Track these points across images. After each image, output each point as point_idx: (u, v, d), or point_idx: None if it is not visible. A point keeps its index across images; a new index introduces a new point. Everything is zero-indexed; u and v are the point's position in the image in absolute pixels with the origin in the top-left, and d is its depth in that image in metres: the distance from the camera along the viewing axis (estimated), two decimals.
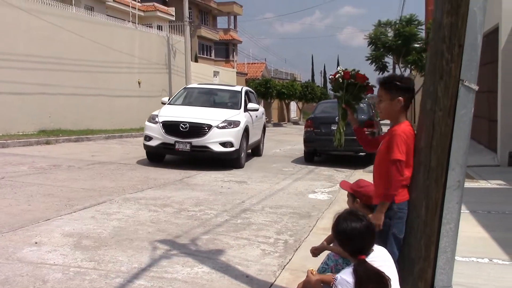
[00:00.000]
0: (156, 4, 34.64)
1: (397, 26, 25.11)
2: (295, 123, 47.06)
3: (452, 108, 2.76)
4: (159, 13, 33.73)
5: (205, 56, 43.62)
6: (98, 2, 27.14)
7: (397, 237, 2.96)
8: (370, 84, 3.50)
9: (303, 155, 13.81)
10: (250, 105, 12.46)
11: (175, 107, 11.89)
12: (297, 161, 13.57)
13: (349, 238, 2.69)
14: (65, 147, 13.80)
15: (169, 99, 12.58)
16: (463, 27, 2.71)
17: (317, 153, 13.66)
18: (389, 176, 2.96)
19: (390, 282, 2.56)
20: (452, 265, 2.88)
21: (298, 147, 16.42)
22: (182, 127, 10.55)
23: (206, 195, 7.85)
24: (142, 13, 31.44)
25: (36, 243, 4.83)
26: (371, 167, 11.00)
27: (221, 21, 51.58)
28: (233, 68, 41.45)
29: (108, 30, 20.76)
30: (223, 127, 10.76)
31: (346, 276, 2.59)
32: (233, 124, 10.95)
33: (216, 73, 33.61)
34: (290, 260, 4.78)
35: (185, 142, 10.46)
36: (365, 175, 9.36)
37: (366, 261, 2.63)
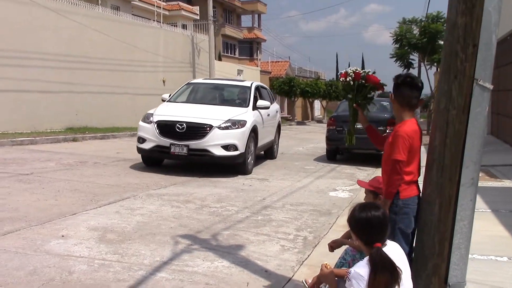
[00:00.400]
0: (180, 3, 34.93)
1: (423, 23, 24.84)
2: (319, 121, 46.92)
3: (466, 106, 2.81)
4: (183, 12, 34.01)
5: (229, 54, 43.83)
6: (124, 2, 27.52)
7: (404, 232, 3.04)
8: (381, 83, 3.59)
9: (325, 153, 13.85)
10: (260, 103, 11.08)
11: (174, 104, 10.72)
12: (319, 159, 13.60)
13: (367, 226, 2.73)
14: (91, 144, 14.09)
15: (170, 96, 11.34)
16: (478, 27, 2.75)
17: (340, 151, 13.66)
18: (390, 174, 3.11)
19: (401, 276, 2.61)
20: (466, 261, 2.92)
21: (321, 146, 16.42)
22: (178, 127, 9.31)
23: (227, 192, 7.96)
24: (167, 12, 31.74)
25: (62, 236, 5.00)
26: None
27: (245, 20, 51.80)
28: (257, 66, 41.54)
29: (134, 29, 21.06)
30: (226, 128, 9.51)
31: (359, 269, 2.64)
32: (238, 124, 9.68)
33: (240, 72, 33.75)
34: (308, 256, 4.86)
35: (181, 144, 9.25)
36: None
37: (382, 249, 2.68)
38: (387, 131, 11.41)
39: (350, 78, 3.59)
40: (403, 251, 2.88)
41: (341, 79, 3.73)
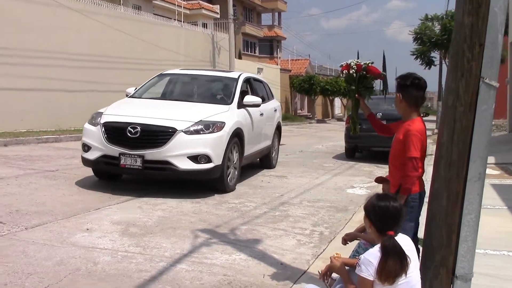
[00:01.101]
0: (201, 2, 35.19)
1: (444, 20, 24.67)
2: (339, 119, 46.85)
3: (473, 104, 2.90)
4: (204, 11, 34.27)
5: (249, 53, 43.99)
6: (146, 1, 27.85)
7: (408, 224, 3.23)
8: (382, 74, 3.80)
9: (344, 151, 13.92)
10: (249, 99, 8.67)
11: (135, 101, 8.52)
12: (338, 157, 13.68)
13: (385, 214, 2.84)
14: None
15: (135, 89, 9.05)
16: (484, 27, 2.84)
17: (358, 149, 13.73)
18: (405, 171, 3.35)
19: (409, 265, 2.73)
20: (473, 253, 3.02)
21: (340, 144, 16.47)
22: (130, 131, 7.00)
23: (246, 188, 8.12)
24: (187, 11, 32.04)
25: (87, 229, 5.21)
26: None
27: (265, 18, 51.90)
28: (277, 64, 41.65)
29: (155, 28, 21.37)
30: (195, 132, 7.14)
31: (369, 256, 2.77)
32: (213, 126, 7.29)
33: (260, 70, 33.90)
34: (324, 250, 4.98)
35: (134, 155, 6.95)
36: None
37: (394, 237, 2.81)
38: None
39: (353, 70, 3.79)
40: (412, 243, 3.00)
41: (343, 71, 3.92)
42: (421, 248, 3.30)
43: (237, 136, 7.97)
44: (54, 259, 4.27)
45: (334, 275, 3.32)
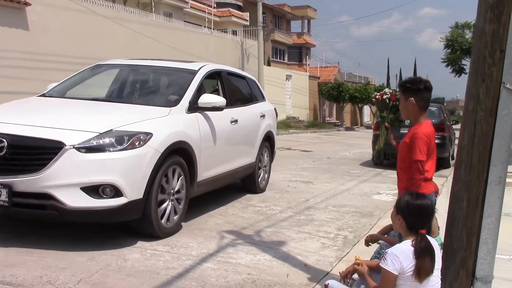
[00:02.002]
0: (231, 9, 35.61)
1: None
2: (368, 127, 46.49)
3: (494, 109, 2.96)
4: (234, 18, 34.64)
5: (278, 60, 44.17)
6: (177, 9, 28.32)
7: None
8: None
9: (371, 158, 13.90)
10: (206, 99, 6.06)
11: (34, 102, 6.12)
12: (365, 164, 13.65)
13: (420, 212, 2.97)
14: None
15: (56, 85, 6.64)
16: (505, 34, 2.90)
17: (386, 156, 13.68)
18: (411, 173, 3.41)
19: (435, 265, 2.87)
20: (493, 256, 3.06)
21: (368, 151, 16.41)
22: None
23: (272, 193, 8.22)
24: (218, 19, 32.44)
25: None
26: (439, 172, 10.95)
27: (295, 25, 52.07)
28: (306, 71, 41.72)
29: (185, 35, 21.74)
30: (96, 149, 4.68)
31: (396, 251, 2.87)
32: (128, 140, 4.83)
33: (288, 77, 34.05)
34: (347, 253, 5.05)
35: None
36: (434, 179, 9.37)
37: (426, 236, 2.93)
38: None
39: (386, 96, 3.90)
40: (437, 244, 3.08)
41: (377, 97, 4.03)
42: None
43: (183, 154, 5.50)
44: (86, 255, 4.45)
45: (355, 275, 3.40)
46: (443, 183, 9.15)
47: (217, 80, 7.18)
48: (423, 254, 2.84)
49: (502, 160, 3.00)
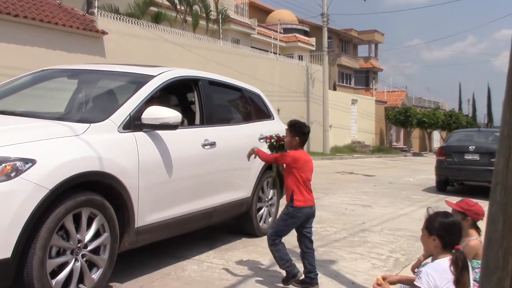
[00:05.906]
0: (297, 35, 36.17)
1: None
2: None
3: None
4: (300, 44, 35.17)
5: (344, 84, 44.20)
6: (244, 35, 29.21)
7: None
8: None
9: (435, 184, 13.69)
10: (150, 113, 4.32)
11: None
12: (428, 190, 13.48)
13: (453, 229, 3.15)
14: None
15: None
16: None
17: (450, 182, 13.44)
18: None
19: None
20: None
21: (432, 177, 16.17)
22: None
23: (329, 215, 8.39)
24: (284, 44, 33.07)
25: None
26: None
27: (362, 50, 51.96)
28: (372, 96, 41.43)
29: (252, 61, 22.40)
30: None
31: (430, 269, 3.04)
32: None
33: (354, 101, 33.98)
34: (396, 274, 5.15)
35: None
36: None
37: (462, 251, 3.10)
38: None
39: (274, 139, 4.88)
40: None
41: (266, 140, 4.98)
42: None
43: (103, 191, 3.87)
44: (148, 264, 4.86)
45: None
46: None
47: (194, 92, 5.63)
48: (464, 268, 3.01)
49: None
